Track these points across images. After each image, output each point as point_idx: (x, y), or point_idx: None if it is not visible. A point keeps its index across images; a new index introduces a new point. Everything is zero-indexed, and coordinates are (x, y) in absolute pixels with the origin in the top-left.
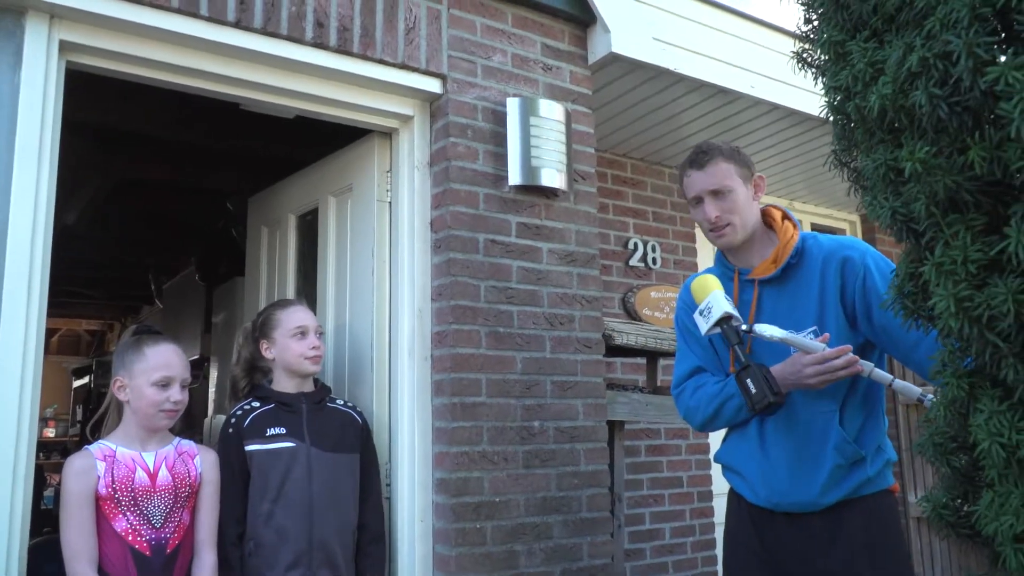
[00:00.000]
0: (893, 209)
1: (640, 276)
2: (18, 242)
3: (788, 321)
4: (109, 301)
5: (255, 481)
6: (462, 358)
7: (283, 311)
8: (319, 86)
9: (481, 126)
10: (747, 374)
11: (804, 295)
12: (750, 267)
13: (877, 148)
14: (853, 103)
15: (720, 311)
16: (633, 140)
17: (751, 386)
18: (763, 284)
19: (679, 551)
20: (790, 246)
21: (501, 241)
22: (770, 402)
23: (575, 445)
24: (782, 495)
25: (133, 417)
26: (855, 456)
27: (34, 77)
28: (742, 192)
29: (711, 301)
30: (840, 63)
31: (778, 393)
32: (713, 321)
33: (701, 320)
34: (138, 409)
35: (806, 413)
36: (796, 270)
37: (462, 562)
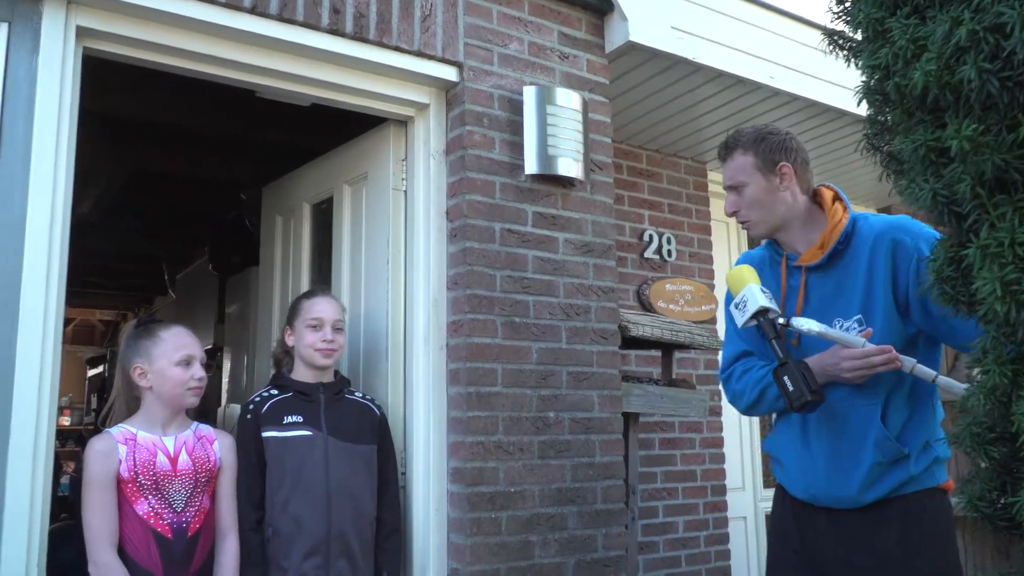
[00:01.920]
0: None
1: (655, 268)
2: (36, 232)
3: (833, 309)
4: (123, 291)
5: (271, 468)
6: (478, 347)
7: (307, 301)
8: (335, 73)
9: (497, 115)
10: (784, 371)
11: (850, 282)
12: (797, 252)
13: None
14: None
15: (756, 305)
16: (649, 131)
17: (788, 384)
18: (810, 271)
19: (692, 545)
20: (838, 230)
21: (517, 230)
22: (807, 400)
23: (590, 436)
24: (820, 489)
25: (157, 401)
26: (896, 454)
27: (51, 63)
28: (761, 185)
29: (746, 294)
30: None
31: (816, 391)
32: (749, 315)
33: (737, 313)
34: (163, 392)
35: (845, 406)
36: (843, 255)
37: (477, 552)
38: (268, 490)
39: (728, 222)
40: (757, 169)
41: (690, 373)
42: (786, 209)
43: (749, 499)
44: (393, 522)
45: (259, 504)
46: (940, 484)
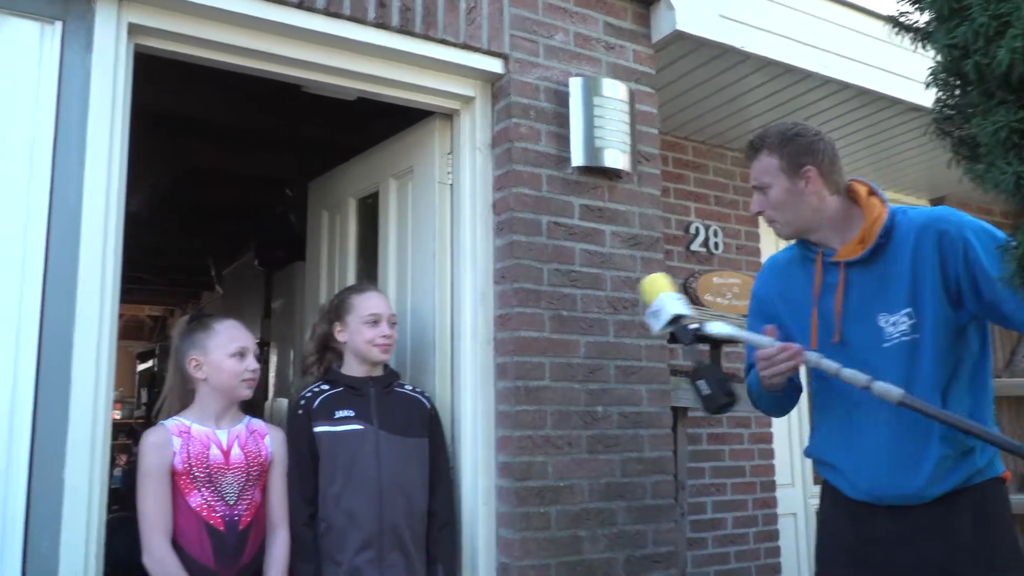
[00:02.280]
0: (1018, 174)
1: (702, 261)
2: (92, 229)
3: (877, 304)
4: (171, 287)
5: (324, 463)
6: (525, 341)
7: (359, 296)
8: (381, 67)
9: (543, 106)
10: (700, 375)
11: (895, 275)
12: (833, 249)
13: (998, 110)
14: (973, 61)
15: (670, 313)
16: (695, 122)
17: (703, 388)
18: (849, 266)
19: (741, 541)
20: (878, 224)
21: (564, 223)
22: (722, 404)
23: (639, 431)
24: (884, 488)
25: (212, 393)
26: (964, 446)
27: (104, 60)
28: (784, 187)
29: (660, 302)
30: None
31: (729, 394)
32: (664, 322)
33: (652, 321)
34: (218, 383)
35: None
36: (885, 249)
37: (527, 546)
38: (321, 484)
39: None
40: (782, 171)
41: (738, 367)
42: (812, 212)
43: (799, 495)
44: (446, 515)
45: (311, 499)
46: (999, 475)
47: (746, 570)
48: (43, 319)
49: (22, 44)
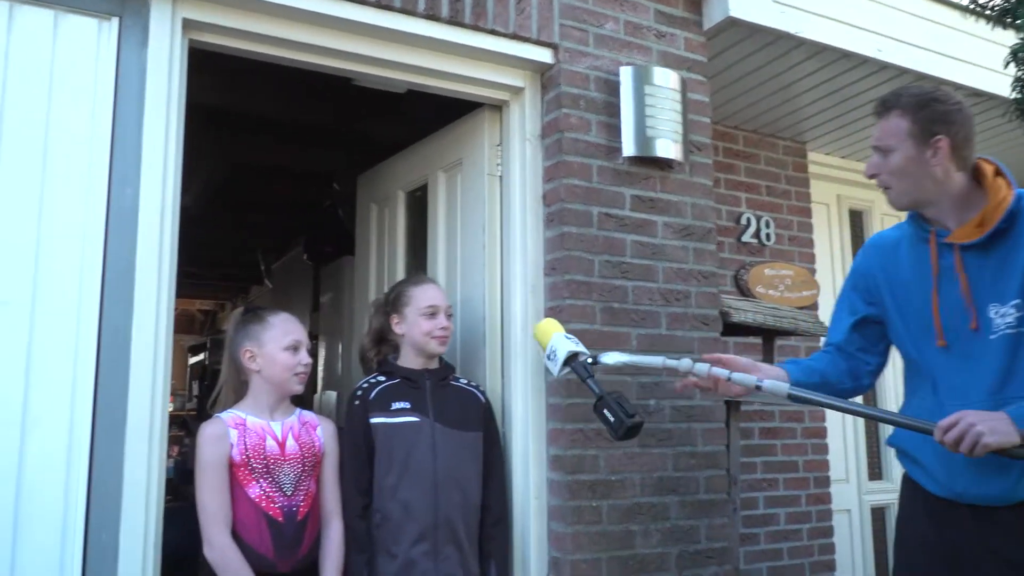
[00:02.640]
0: None
1: (753, 253)
2: (148, 224)
3: (989, 293)
4: (220, 281)
5: (380, 454)
6: (576, 334)
7: (416, 288)
8: (431, 59)
9: (594, 96)
10: (603, 405)
11: (1012, 264)
12: (948, 229)
13: None
14: None
15: (565, 352)
16: (746, 111)
17: (608, 416)
18: (964, 250)
19: (794, 537)
20: (1002, 208)
21: (615, 214)
22: (628, 426)
23: (692, 425)
24: (967, 486)
25: (265, 385)
26: None
27: (159, 56)
28: (910, 155)
29: (553, 344)
30: None
31: (634, 415)
32: (561, 362)
33: (550, 364)
34: (271, 376)
35: (991, 403)
36: (1007, 235)
37: (579, 541)
38: (376, 476)
39: (829, 204)
40: (911, 136)
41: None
42: (933, 185)
43: (853, 492)
44: (500, 510)
45: (366, 491)
46: None
47: (799, 567)
48: (102, 314)
49: (80, 41)
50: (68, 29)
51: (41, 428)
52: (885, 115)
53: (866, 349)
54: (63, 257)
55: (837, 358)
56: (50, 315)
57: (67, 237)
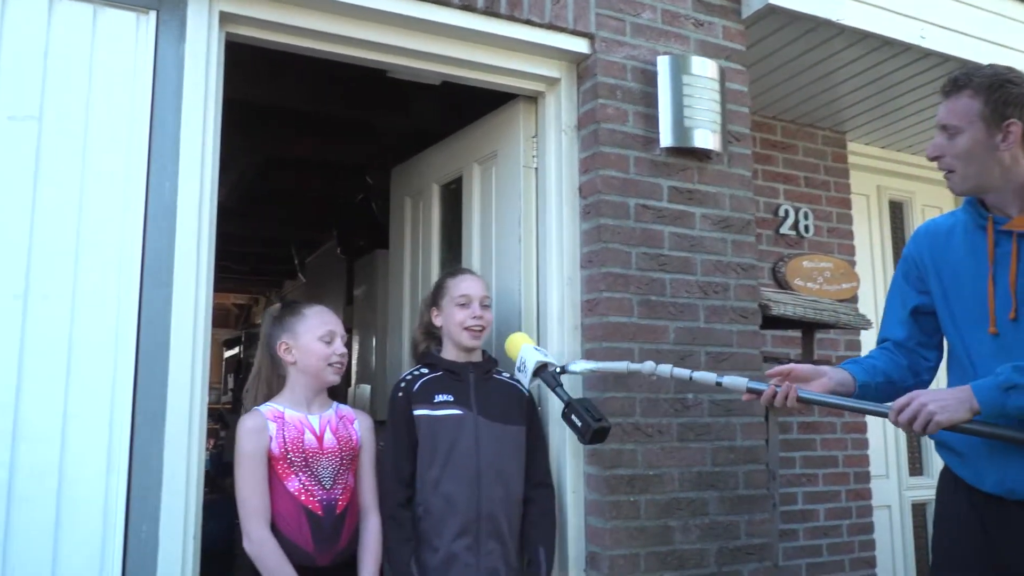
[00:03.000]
0: None
1: (791, 245)
2: (186, 218)
3: None
4: (254, 276)
5: (423, 447)
6: (613, 327)
7: (451, 279)
8: (466, 50)
9: (630, 86)
10: (571, 411)
11: None
12: (1008, 216)
13: None
14: None
15: (534, 363)
16: (784, 101)
17: (576, 420)
18: (1022, 238)
19: (834, 534)
20: None
21: (652, 206)
22: (595, 429)
23: (731, 419)
24: (1016, 482)
25: (301, 378)
26: None
27: (197, 50)
28: (978, 139)
29: (523, 356)
30: None
31: (601, 419)
32: (530, 374)
33: (521, 376)
34: (307, 366)
35: None
36: None
37: (617, 536)
38: (419, 468)
39: (868, 195)
40: (981, 119)
41: (830, 354)
42: (999, 171)
43: (894, 487)
44: (545, 502)
45: (409, 482)
46: None
47: (839, 563)
48: (141, 307)
49: (118, 34)
50: (106, 23)
51: (81, 421)
52: (955, 94)
53: (924, 343)
54: (102, 251)
55: (897, 354)
56: (90, 309)
57: (106, 231)
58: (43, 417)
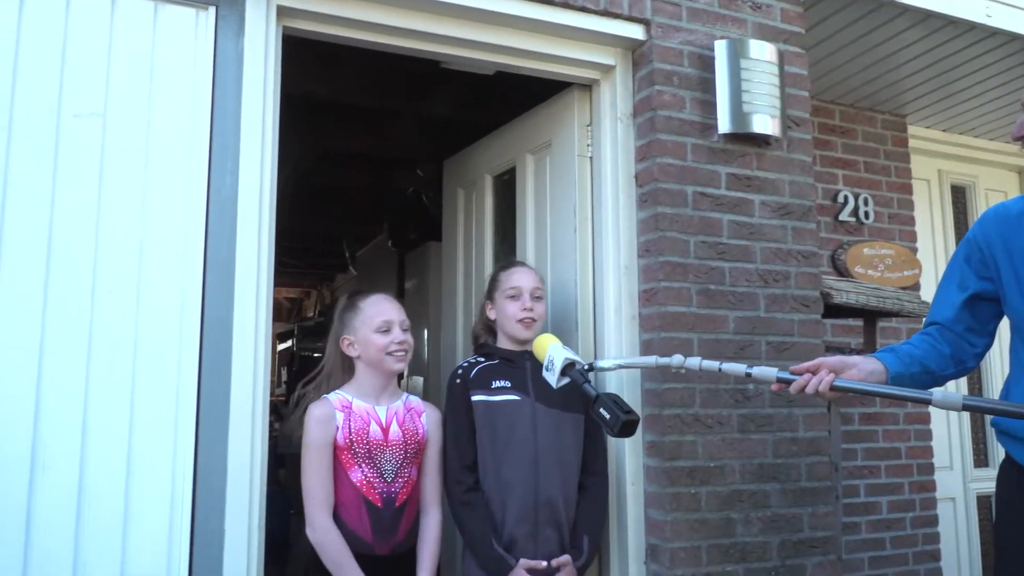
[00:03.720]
0: None
1: (851, 232)
2: (247, 211)
3: None
4: (306, 269)
5: (481, 433)
6: (672, 316)
7: (504, 272)
8: (519, 38)
9: (687, 72)
10: (599, 404)
11: None
12: None
13: None
14: None
15: (561, 360)
16: (843, 84)
17: (604, 413)
18: None
19: (897, 527)
20: None
21: (710, 193)
22: (624, 421)
23: (793, 410)
24: None
25: (368, 370)
26: None
27: (255, 44)
28: None
29: (550, 355)
30: None
31: (629, 411)
32: (558, 372)
33: (549, 375)
34: (370, 359)
35: None
36: None
37: (677, 528)
38: (479, 454)
39: (930, 179)
40: None
41: (892, 343)
42: None
43: (958, 479)
44: (596, 490)
45: (472, 467)
46: None
47: (903, 556)
48: (204, 300)
49: (178, 30)
50: (167, 19)
51: (148, 414)
52: None
53: (975, 330)
54: (166, 246)
55: (939, 341)
56: (154, 303)
57: (169, 226)
58: (111, 411)
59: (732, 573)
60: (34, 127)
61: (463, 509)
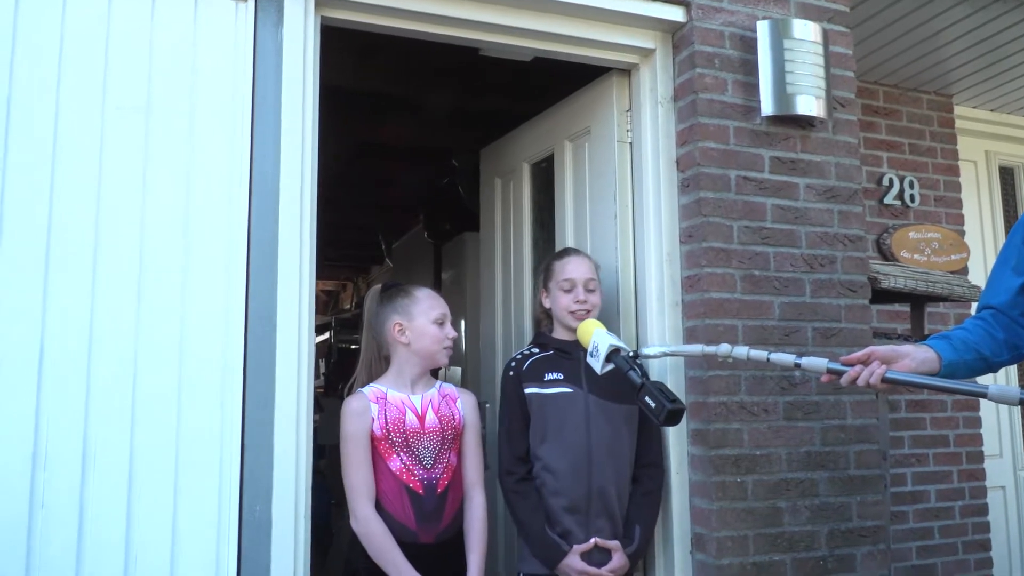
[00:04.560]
0: None
1: (896, 215)
2: (289, 202)
3: None
4: (342, 262)
5: (534, 424)
6: (716, 303)
7: (556, 261)
8: (558, 23)
9: (728, 54)
10: (644, 392)
11: None
12: None
13: None
14: None
15: (606, 347)
16: (886, 64)
17: (650, 402)
18: None
19: (946, 516)
20: None
21: (753, 177)
22: (670, 410)
23: (841, 397)
24: None
25: (412, 358)
26: None
27: (295, 34)
28: None
29: (595, 341)
30: None
31: (675, 400)
32: (603, 358)
33: (593, 361)
34: (421, 348)
35: None
36: None
37: (724, 517)
38: (531, 446)
39: (977, 161)
40: None
41: (938, 329)
42: None
43: (1008, 467)
44: (650, 482)
45: (525, 458)
46: None
47: (952, 546)
48: (248, 290)
49: (218, 22)
50: (207, 10)
51: (195, 404)
52: None
53: None
54: (210, 237)
55: (993, 327)
56: (199, 294)
57: (213, 217)
58: (158, 401)
59: (779, 563)
60: (80, 121)
61: (515, 498)
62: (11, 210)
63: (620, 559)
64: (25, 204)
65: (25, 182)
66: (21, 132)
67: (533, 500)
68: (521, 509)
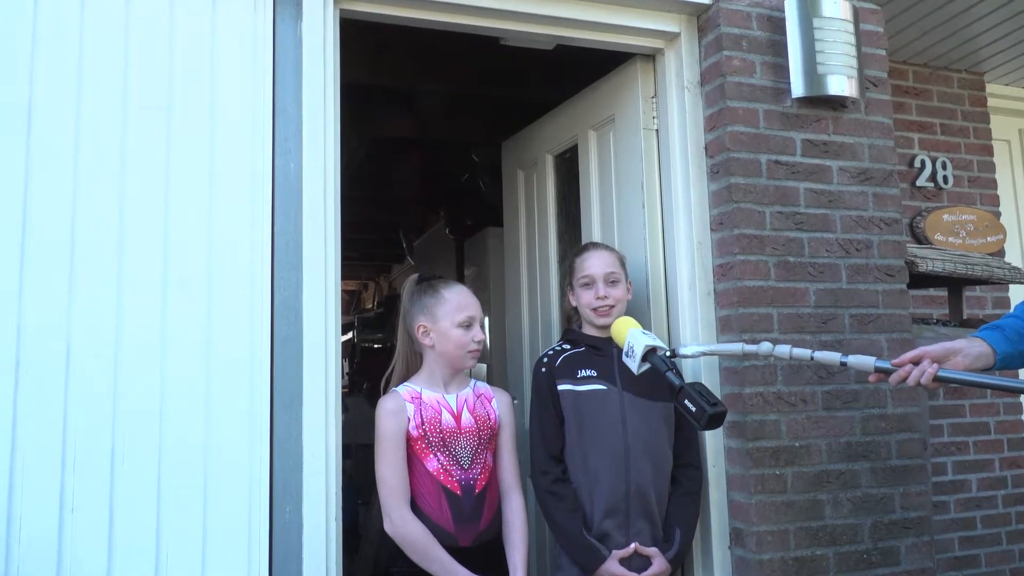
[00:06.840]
0: None
1: (929, 197)
2: (312, 199)
3: None
4: (363, 261)
5: (568, 423)
6: (749, 291)
7: (578, 258)
8: (579, 9)
9: (756, 35)
10: (684, 395)
11: None
12: None
13: None
14: None
15: (642, 346)
16: (915, 44)
17: (690, 405)
18: None
19: (988, 505)
20: None
21: (785, 161)
22: (711, 414)
23: (880, 385)
24: None
25: (439, 360)
26: None
27: (314, 28)
28: None
29: (630, 340)
30: None
31: (716, 403)
32: (639, 358)
33: (629, 361)
34: (445, 352)
35: None
36: None
37: (763, 511)
38: (566, 445)
39: (1011, 140)
40: None
41: (976, 313)
42: None
43: None
44: (689, 483)
45: (560, 457)
46: None
47: (995, 536)
48: (274, 289)
49: (238, 17)
50: (225, 6)
51: (223, 405)
52: None
53: None
54: (234, 235)
55: None
56: (225, 293)
57: (236, 214)
58: (185, 402)
59: (822, 557)
60: (101, 121)
61: (551, 499)
62: (35, 212)
63: (660, 564)
64: (49, 206)
65: (49, 184)
66: (43, 134)
67: (569, 503)
68: (558, 511)
